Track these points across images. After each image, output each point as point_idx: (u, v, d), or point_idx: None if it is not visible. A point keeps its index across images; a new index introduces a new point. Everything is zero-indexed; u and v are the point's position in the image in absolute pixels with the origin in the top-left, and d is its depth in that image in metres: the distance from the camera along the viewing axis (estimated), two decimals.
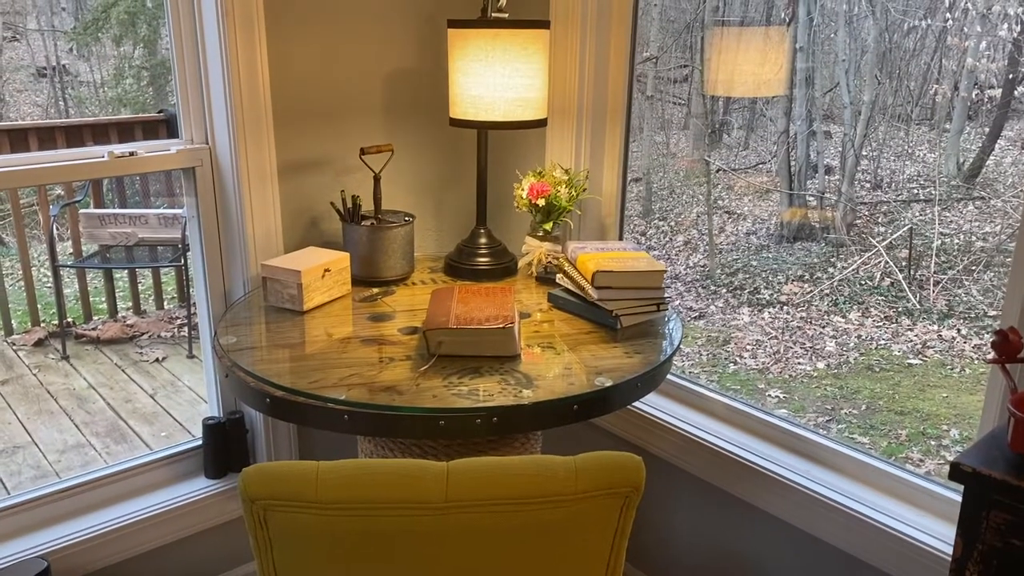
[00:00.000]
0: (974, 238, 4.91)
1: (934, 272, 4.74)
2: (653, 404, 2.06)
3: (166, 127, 4.43)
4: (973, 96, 5.10)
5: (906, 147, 5.70)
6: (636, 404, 2.04)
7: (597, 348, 1.57)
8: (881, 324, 4.57)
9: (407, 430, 1.36)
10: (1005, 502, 0.97)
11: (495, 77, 1.76)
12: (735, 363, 4.55)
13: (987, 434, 1.09)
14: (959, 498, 1.04)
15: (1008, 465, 0.99)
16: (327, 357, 1.52)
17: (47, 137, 4.22)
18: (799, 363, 4.43)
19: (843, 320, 4.67)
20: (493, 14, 1.81)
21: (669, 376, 2.03)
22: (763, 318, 4.88)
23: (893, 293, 4.74)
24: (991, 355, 1.09)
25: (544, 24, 1.81)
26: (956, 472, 1.01)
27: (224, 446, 2.04)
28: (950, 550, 1.45)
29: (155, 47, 7.83)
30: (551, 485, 1.02)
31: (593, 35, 1.96)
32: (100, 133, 4.38)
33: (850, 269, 4.97)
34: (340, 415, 1.35)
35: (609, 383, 1.42)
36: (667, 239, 5.98)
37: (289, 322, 1.70)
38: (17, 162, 1.72)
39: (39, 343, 4.32)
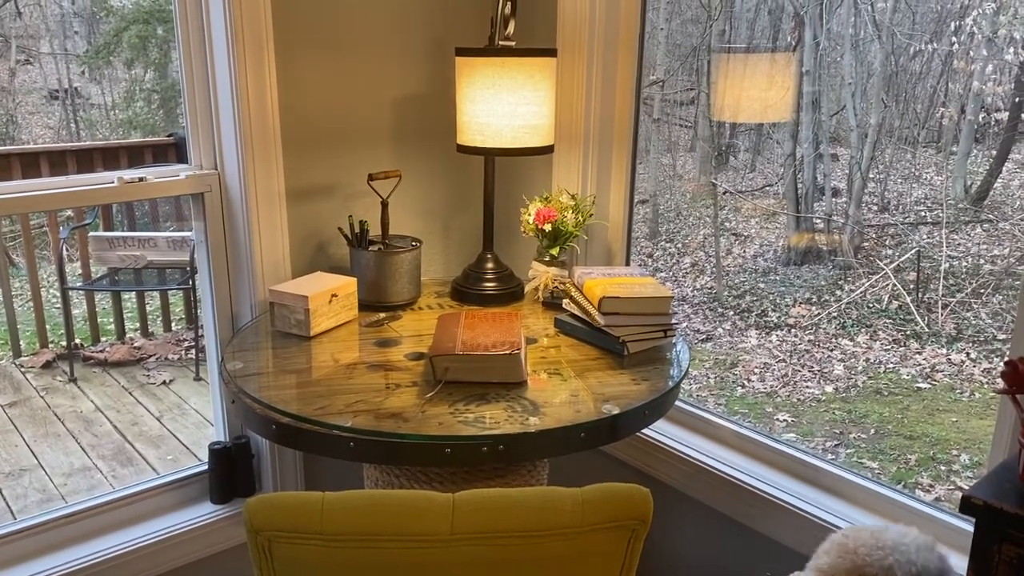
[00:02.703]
0: (982, 261, 4.90)
1: (942, 295, 4.72)
2: (660, 431, 2.05)
3: (175, 150, 4.46)
4: (980, 119, 5.11)
5: (913, 170, 5.70)
6: (643, 431, 2.03)
7: (604, 374, 1.57)
8: (889, 347, 4.55)
9: (413, 458, 1.36)
10: (1017, 536, 0.96)
11: (502, 105, 1.77)
12: (743, 386, 4.53)
13: (998, 466, 1.08)
14: (970, 527, 1.03)
15: (1020, 498, 0.98)
16: (333, 383, 1.52)
17: (58, 161, 4.26)
18: (807, 386, 4.41)
19: (851, 343, 4.65)
20: (500, 42, 1.82)
21: (677, 402, 2.02)
22: (771, 341, 4.86)
23: (901, 316, 4.72)
24: (1000, 385, 1.08)
25: (551, 52, 1.82)
26: (967, 505, 1.00)
27: (230, 471, 2.04)
28: None
29: (165, 70, 7.92)
30: (558, 517, 1.02)
31: (600, 62, 1.98)
32: (110, 157, 4.41)
33: (858, 292, 4.96)
34: (346, 442, 1.35)
35: (616, 410, 1.41)
36: (674, 261, 5.98)
37: (296, 347, 1.70)
38: (29, 188, 1.73)
39: (47, 365, 4.33)
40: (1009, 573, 0.98)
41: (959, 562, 1.49)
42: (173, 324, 4.82)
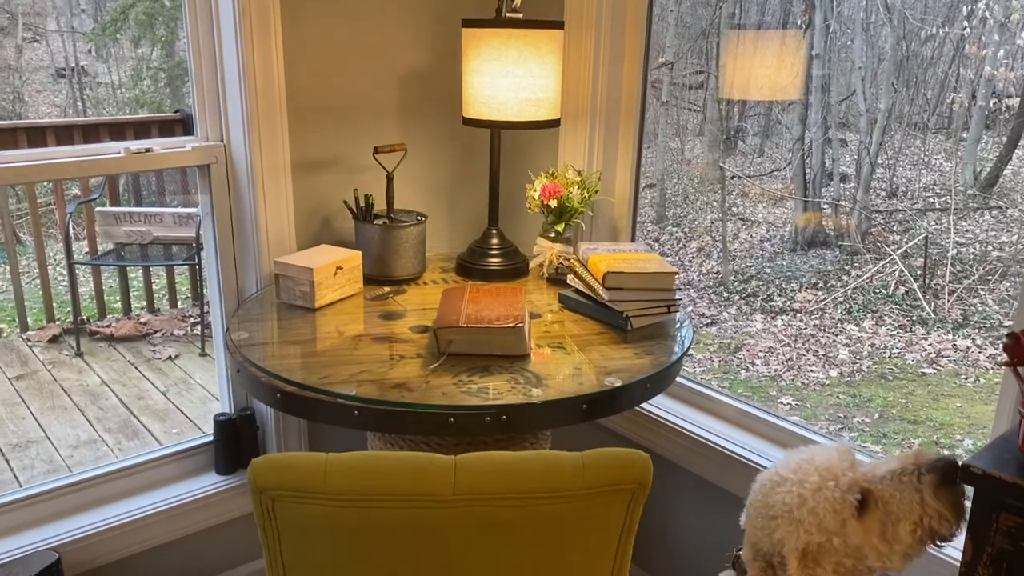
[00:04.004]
0: (990, 247, 4.88)
1: (949, 281, 4.71)
2: (662, 406, 2.05)
3: (182, 126, 4.46)
4: (991, 105, 5.07)
5: (922, 155, 5.67)
6: (645, 406, 2.03)
7: (607, 349, 1.57)
8: (895, 333, 4.54)
9: (417, 427, 1.37)
10: (1015, 504, 0.96)
11: (509, 77, 1.77)
12: (747, 370, 4.53)
13: (998, 437, 1.08)
14: (969, 503, 1.03)
15: (1019, 467, 0.98)
16: (338, 354, 1.53)
17: (65, 135, 4.26)
18: (812, 371, 4.41)
19: (857, 328, 4.65)
20: (507, 14, 1.81)
21: (679, 379, 2.02)
22: (776, 325, 4.86)
23: (907, 302, 4.71)
24: (1004, 357, 1.08)
25: (558, 25, 1.81)
26: (966, 474, 1.00)
27: (235, 442, 2.05)
28: (959, 554, 1.44)
29: (172, 48, 7.90)
30: (558, 480, 1.02)
31: (607, 37, 1.97)
32: (117, 131, 4.42)
33: (864, 277, 4.95)
34: (350, 411, 1.36)
35: (618, 383, 1.42)
36: (681, 245, 5.97)
37: (301, 319, 1.71)
38: (35, 157, 1.73)
39: (54, 339, 4.35)
40: (1006, 542, 0.98)
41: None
42: (179, 300, 4.84)
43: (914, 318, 4.59)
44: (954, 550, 1.49)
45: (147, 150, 1.83)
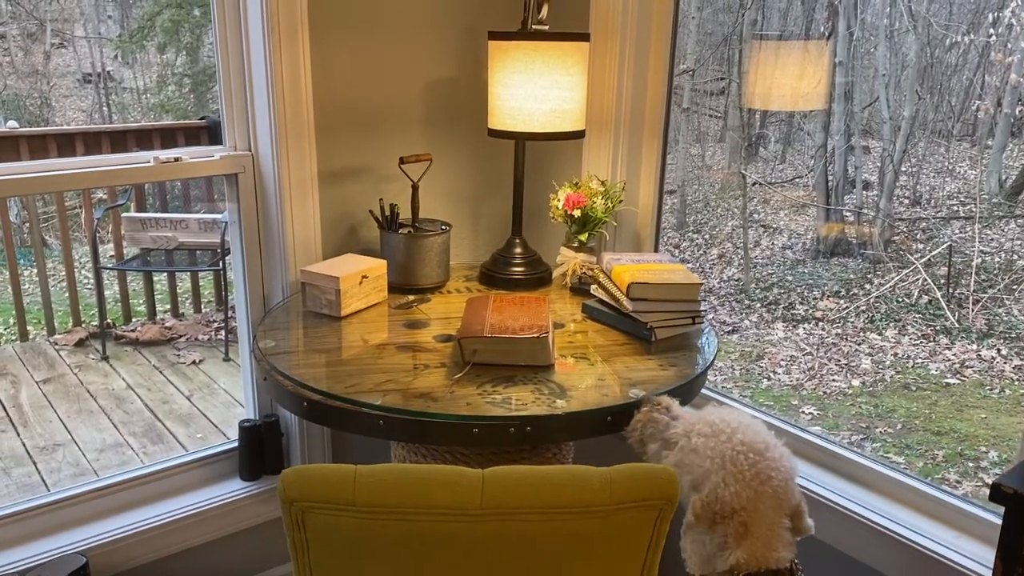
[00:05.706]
0: (1016, 256, 4.83)
1: (973, 290, 4.67)
2: None
3: (208, 133, 4.51)
4: (1016, 112, 5.03)
5: (946, 163, 5.63)
6: None
7: (631, 360, 1.57)
8: (918, 342, 4.50)
9: (441, 437, 1.37)
10: None
11: (534, 89, 1.77)
12: (768, 379, 4.51)
13: None
14: (999, 520, 1.02)
15: None
16: (363, 363, 1.54)
17: (93, 142, 4.32)
18: (834, 380, 4.38)
19: (879, 337, 4.61)
20: (533, 26, 1.82)
21: (703, 390, 2.01)
22: (798, 334, 4.83)
23: (931, 311, 4.67)
24: None
25: (584, 37, 1.82)
26: (997, 493, 0.99)
27: (259, 449, 2.07)
28: (989, 573, 1.43)
29: (197, 55, 7.98)
30: (586, 495, 1.03)
31: (632, 48, 1.97)
32: (144, 139, 4.47)
33: (887, 286, 4.91)
34: (375, 420, 1.36)
35: (643, 395, 1.42)
36: (701, 252, 5.95)
37: (326, 327, 1.72)
38: (66, 166, 1.76)
39: (80, 343, 4.41)
40: None
41: (986, 554, 1.49)
42: (203, 305, 4.89)
43: (938, 327, 4.56)
44: (971, 562, 1.48)
45: (176, 159, 1.86)
